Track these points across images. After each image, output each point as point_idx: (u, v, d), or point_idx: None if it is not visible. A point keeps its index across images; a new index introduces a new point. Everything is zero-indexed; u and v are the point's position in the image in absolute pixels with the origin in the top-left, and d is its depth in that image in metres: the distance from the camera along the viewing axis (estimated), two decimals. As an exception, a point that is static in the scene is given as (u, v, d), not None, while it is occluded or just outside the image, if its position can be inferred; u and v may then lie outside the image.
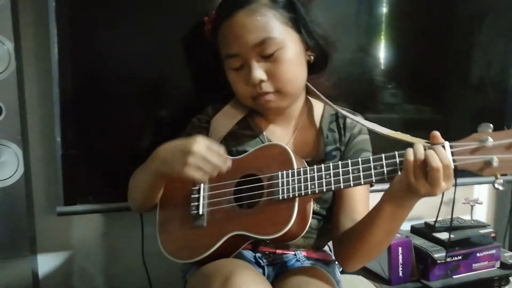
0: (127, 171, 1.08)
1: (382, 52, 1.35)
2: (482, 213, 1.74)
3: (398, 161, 0.77)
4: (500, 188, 0.72)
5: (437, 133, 0.76)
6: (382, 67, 1.36)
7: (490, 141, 0.71)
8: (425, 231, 1.45)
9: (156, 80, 1.18)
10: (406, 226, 1.53)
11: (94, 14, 1.11)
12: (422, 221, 1.51)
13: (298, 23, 0.94)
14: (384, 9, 1.34)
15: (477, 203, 1.58)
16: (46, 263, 1.27)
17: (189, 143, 0.83)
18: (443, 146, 0.74)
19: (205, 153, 0.82)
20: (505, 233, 1.68)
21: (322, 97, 1.02)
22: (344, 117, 1.02)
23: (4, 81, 1.06)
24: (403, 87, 1.40)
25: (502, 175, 0.72)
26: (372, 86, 1.36)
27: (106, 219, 1.30)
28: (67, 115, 1.10)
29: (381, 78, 1.36)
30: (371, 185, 0.99)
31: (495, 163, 0.71)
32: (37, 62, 1.17)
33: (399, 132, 0.88)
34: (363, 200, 0.97)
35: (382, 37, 1.35)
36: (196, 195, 0.92)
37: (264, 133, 1.01)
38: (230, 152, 0.96)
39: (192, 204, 0.91)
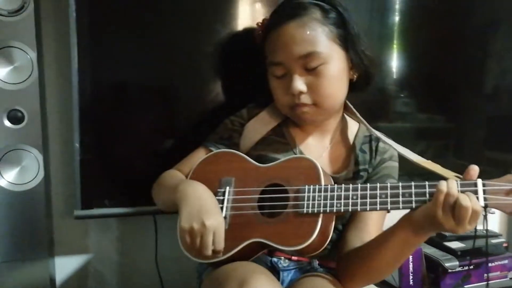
0: (142, 176, 1.11)
1: (395, 61, 1.36)
2: (494, 223, 1.72)
3: (428, 192, 0.77)
4: None
5: (474, 168, 0.77)
6: (395, 76, 1.36)
7: None
8: (436, 240, 1.45)
9: (175, 86, 1.20)
10: (417, 235, 1.52)
11: (113, 23, 1.14)
12: (434, 230, 1.51)
13: (346, 40, 0.95)
14: (396, 18, 1.35)
15: (489, 213, 1.57)
16: (63, 265, 1.30)
17: (210, 213, 0.83)
18: (476, 184, 0.75)
19: (208, 237, 0.82)
20: (517, 243, 1.67)
21: (359, 116, 1.03)
22: (378, 140, 1.02)
23: (27, 89, 1.09)
24: (415, 96, 1.40)
25: None
26: (384, 95, 1.37)
27: (122, 223, 1.32)
28: (86, 121, 1.12)
29: (394, 87, 1.37)
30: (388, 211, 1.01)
31: None
32: (58, 71, 1.21)
33: (430, 161, 0.89)
34: (376, 223, 0.97)
35: (395, 45, 1.36)
36: (221, 197, 0.92)
37: (297, 143, 1.02)
38: (260, 158, 0.97)
39: None
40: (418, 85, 1.40)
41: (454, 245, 1.39)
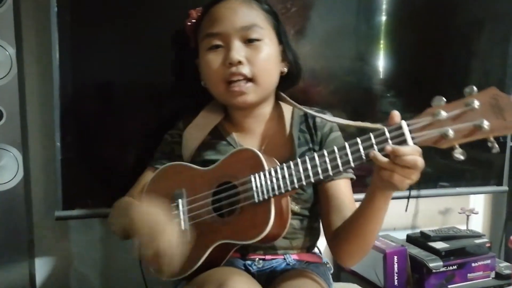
0: (125, 176, 1.09)
1: (381, 61, 1.36)
2: (478, 223, 1.75)
3: (361, 148, 0.77)
4: (461, 157, 0.72)
5: (396, 113, 0.77)
6: (381, 76, 1.37)
7: (443, 114, 0.72)
8: (420, 240, 1.46)
9: (156, 85, 1.18)
10: (402, 235, 1.53)
11: (95, 20, 1.12)
12: (418, 230, 1.52)
13: (280, 33, 1.00)
14: (382, 18, 1.35)
15: (472, 213, 1.59)
16: (43, 267, 1.27)
17: (158, 236, 0.78)
18: (401, 127, 0.75)
19: (163, 258, 0.78)
20: (500, 243, 1.69)
21: (290, 100, 1.04)
22: (314, 117, 1.03)
23: (6, 86, 1.07)
24: (401, 95, 1.40)
25: (460, 145, 0.72)
26: (370, 95, 1.37)
27: (104, 224, 1.30)
28: (67, 120, 1.11)
29: (380, 87, 1.37)
30: (352, 180, 1.01)
31: (451, 134, 0.71)
32: (38, 68, 1.19)
33: (359, 122, 0.94)
34: (348, 196, 0.98)
35: (381, 45, 1.36)
36: (175, 212, 0.91)
37: (236, 140, 1.02)
38: (205, 163, 0.96)
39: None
40: (405, 84, 1.41)
41: (438, 245, 1.40)
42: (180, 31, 1.08)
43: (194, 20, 1.05)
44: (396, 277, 1.35)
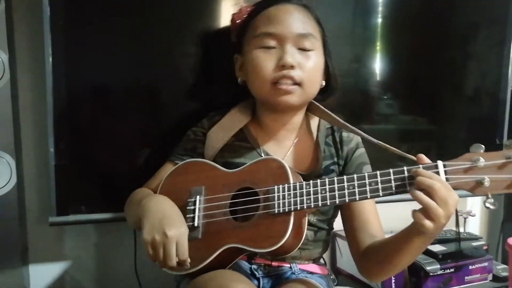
0: (119, 181, 1.08)
1: (377, 63, 1.36)
2: (475, 226, 1.74)
3: (392, 178, 0.78)
4: (491, 207, 0.74)
5: (422, 156, 0.78)
6: (378, 78, 1.36)
7: (482, 162, 0.73)
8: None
9: (150, 91, 1.18)
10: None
11: (88, 25, 1.11)
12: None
13: (325, 45, 1.00)
14: (379, 20, 1.35)
15: (470, 216, 1.59)
16: (38, 273, 1.26)
17: (171, 223, 0.82)
18: (437, 166, 0.76)
19: (170, 247, 0.80)
20: (497, 245, 1.69)
21: (326, 110, 1.03)
22: (340, 130, 1.04)
23: (-2, 92, 1.06)
24: (398, 98, 1.40)
25: (492, 195, 0.73)
26: (367, 97, 1.37)
27: (99, 230, 1.29)
28: (61, 125, 1.10)
29: (376, 89, 1.37)
30: None
31: (487, 182, 0.73)
32: (31, 73, 1.17)
33: (393, 148, 0.94)
34: (372, 212, 0.98)
35: (377, 48, 1.36)
36: (192, 207, 0.91)
37: (260, 145, 1.01)
38: (226, 164, 0.96)
39: (187, 216, 0.91)
40: (401, 87, 1.41)
41: (436, 248, 1.40)
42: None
43: (244, 16, 1.03)
44: (393, 281, 1.34)
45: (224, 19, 1.17)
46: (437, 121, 1.47)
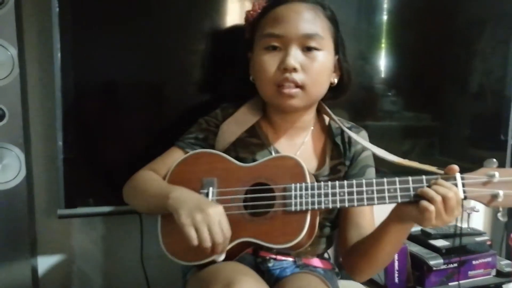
0: (127, 174, 1.09)
1: (382, 60, 1.36)
2: (478, 221, 1.74)
3: (411, 187, 0.81)
4: (502, 219, 0.80)
5: (455, 167, 0.82)
6: (382, 75, 1.37)
7: (497, 177, 0.79)
8: (421, 238, 1.46)
9: (157, 86, 1.19)
10: (403, 233, 1.53)
11: (96, 20, 1.12)
12: (419, 228, 1.53)
13: (337, 43, 0.99)
14: (383, 17, 1.35)
15: (473, 211, 1.59)
16: (46, 265, 1.28)
17: (209, 203, 0.84)
18: (455, 178, 0.80)
19: (214, 223, 0.81)
20: (501, 241, 1.69)
21: (329, 111, 1.04)
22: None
23: (7, 86, 1.08)
24: (402, 94, 1.41)
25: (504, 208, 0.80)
26: (371, 94, 1.37)
27: (106, 222, 1.31)
28: (69, 119, 1.11)
29: (380, 86, 1.37)
30: None
31: (501, 197, 0.78)
32: (40, 68, 1.19)
33: (406, 160, 0.94)
34: (368, 215, 1.00)
35: (382, 44, 1.36)
36: None
37: (271, 143, 1.02)
38: (237, 159, 0.96)
39: None
40: (405, 83, 1.41)
41: (439, 243, 1.41)
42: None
43: (258, 12, 1.03)
44: (396, 275, 1.35)
45: (236, 16, 1.18)
46: (441, 118, 1.47)
